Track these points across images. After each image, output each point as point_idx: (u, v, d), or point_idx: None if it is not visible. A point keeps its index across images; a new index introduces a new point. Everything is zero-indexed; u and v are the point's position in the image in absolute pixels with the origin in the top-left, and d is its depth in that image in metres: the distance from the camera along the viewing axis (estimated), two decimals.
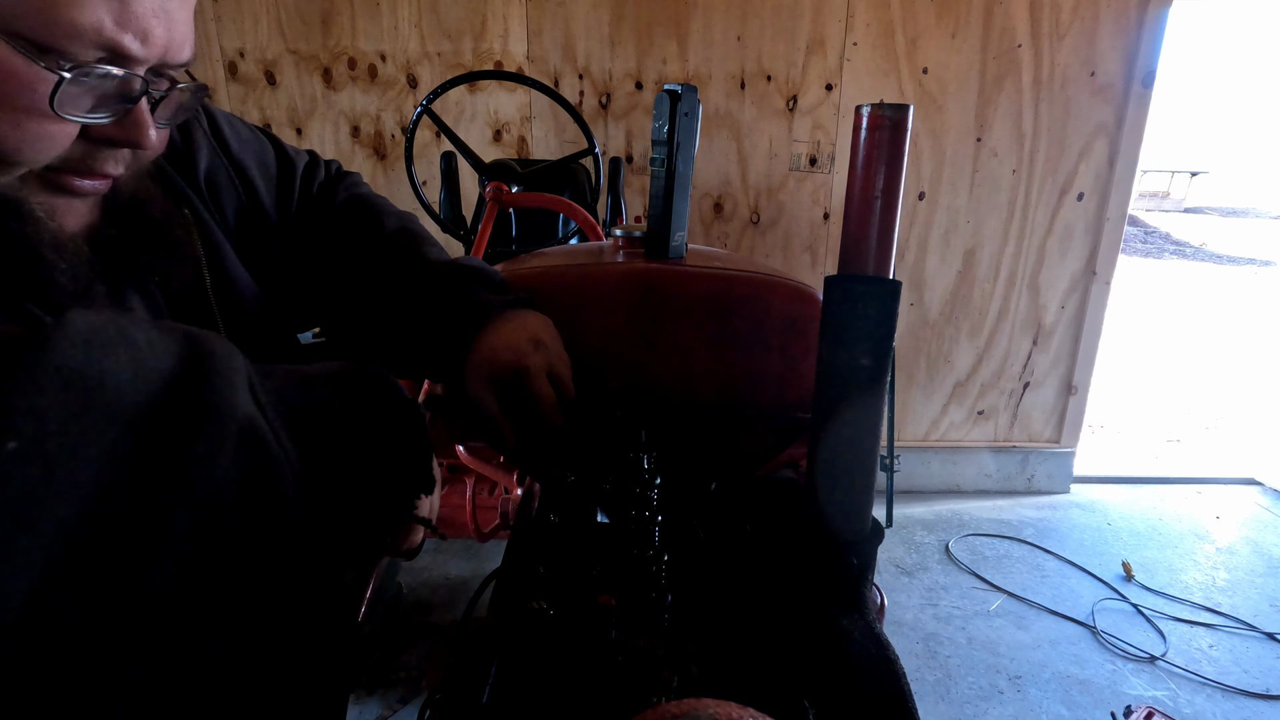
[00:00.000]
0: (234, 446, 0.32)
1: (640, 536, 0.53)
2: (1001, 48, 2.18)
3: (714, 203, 2.32)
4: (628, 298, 0.77)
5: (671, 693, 0.41)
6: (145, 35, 0.43)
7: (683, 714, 0.29)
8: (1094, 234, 2.36)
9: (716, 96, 2.21)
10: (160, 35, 0.44)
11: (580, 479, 0.59)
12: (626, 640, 0.43)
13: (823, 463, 0.53)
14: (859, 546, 0.53)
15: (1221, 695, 1.62)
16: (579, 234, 1.83)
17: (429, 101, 1.61)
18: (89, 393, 0.28)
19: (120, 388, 0.29)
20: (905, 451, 2.54)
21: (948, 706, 1.58)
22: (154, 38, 0.44)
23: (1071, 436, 2.57)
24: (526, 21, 2.13)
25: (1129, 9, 2.15)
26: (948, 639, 1.80)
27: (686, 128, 0.75)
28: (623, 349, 0.77)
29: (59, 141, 0.44)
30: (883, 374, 0.50)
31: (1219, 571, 2.13)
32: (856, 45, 2.17)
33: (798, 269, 2.37)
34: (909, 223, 2.34)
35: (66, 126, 0.44)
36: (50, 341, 0.27)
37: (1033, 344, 2.47)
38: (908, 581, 2.04)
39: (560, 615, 0.45)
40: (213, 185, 0.64)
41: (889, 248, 0.74)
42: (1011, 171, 2.29)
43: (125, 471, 0.28)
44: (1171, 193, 14.22)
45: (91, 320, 0.29)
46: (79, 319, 0.29)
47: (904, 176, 0.72)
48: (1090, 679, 1.67)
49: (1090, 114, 2.24)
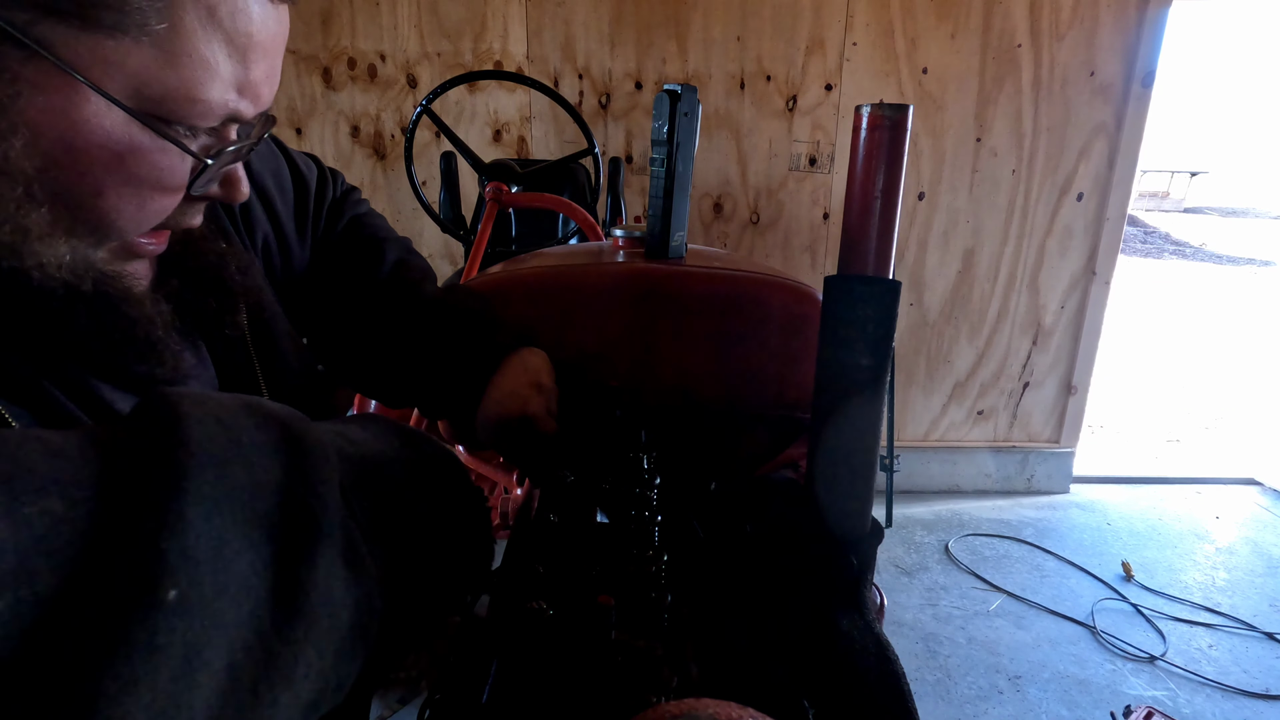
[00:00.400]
0: (341, 569, 0.30)
1: (640, 536, 0.53)
2: (1001, 48, 2.18)
3: (714, 203, 2.32)
4: (627, 298, 0.77)
5: (671, 693, 0.41)
6: (258, 99, 0.43)
7: (682, 714, 0.29)
8: (1094, 234, 2.36)
9: (716, 96, 2.21)
10: (268, 96, 0.44)
11: (580, 479, 0.59)
12: (626, 640, 0.43)
13: (823, 463, 0.53)
14: (859, 546, 0.53)
15: (1221, 695, 1.62)
16: (579, 234, 1.83)
17: (429, 101, 1.61)
18: (223, 519, 0.26)
19: (242, 508, 0.27)
20: (905, 451, 2.54)
21: (947, 706, 1.58)
22: (263, 99, 0.44)
23: (1071, 436, 2.57)
24: (526, 21, 2.13)
25: (1129, 9, 2.16)
26: (947, 639, 1.80)
27: (686, 128, 0.75)
28: (622, 349, 0.77)
29: (169, 210, 0.44)
30: (883, 374, 0.50)
31: (1219, 571, 2.13)
32: (856, 45, 2.17)
33: (797, 269, 2.37)
34: (909, 223, 2.34)
35: (180, 196, 0.43)
36: (184, 468, 0.26)
37: (1032, 344, 2.47)
38: (908, 581, 2.04)
39: (560, 615, 0.44)
40: (246, 213, 0.61)
41: (889, 248, 0.74)
42: (1011, 171, 2.29)
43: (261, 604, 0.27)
44: (1171, 193, 14.23)
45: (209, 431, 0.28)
46: (195, 429, 0.27)
47: (904, 176, 0.72)
48: (1090, 679, 1.67)
49: (1090, 114, 2.24)
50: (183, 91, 0.38)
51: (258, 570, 0.27)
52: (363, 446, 0.36)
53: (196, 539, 0.25)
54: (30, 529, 0.23)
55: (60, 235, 0.39)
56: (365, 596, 0.31)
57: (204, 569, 0.25)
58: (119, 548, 0.24)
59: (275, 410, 0.32)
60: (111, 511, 0.25)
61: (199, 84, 0.39)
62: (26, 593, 0.22)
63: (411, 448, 0.39)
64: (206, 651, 0.25)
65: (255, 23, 0.40)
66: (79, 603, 0.23)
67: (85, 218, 0.40)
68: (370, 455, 0.36)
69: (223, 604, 0.25)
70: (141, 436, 0.27)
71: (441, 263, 2.35)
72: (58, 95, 0.36)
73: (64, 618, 0.23)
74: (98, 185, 0.39)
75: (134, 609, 0.23)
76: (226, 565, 0.26)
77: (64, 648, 0.23)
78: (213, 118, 0.41)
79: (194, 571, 0.24)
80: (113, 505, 0.25)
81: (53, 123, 0.36)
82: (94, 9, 0.35)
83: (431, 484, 0.39)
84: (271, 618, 0.27)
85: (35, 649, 0.23)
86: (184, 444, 0.27)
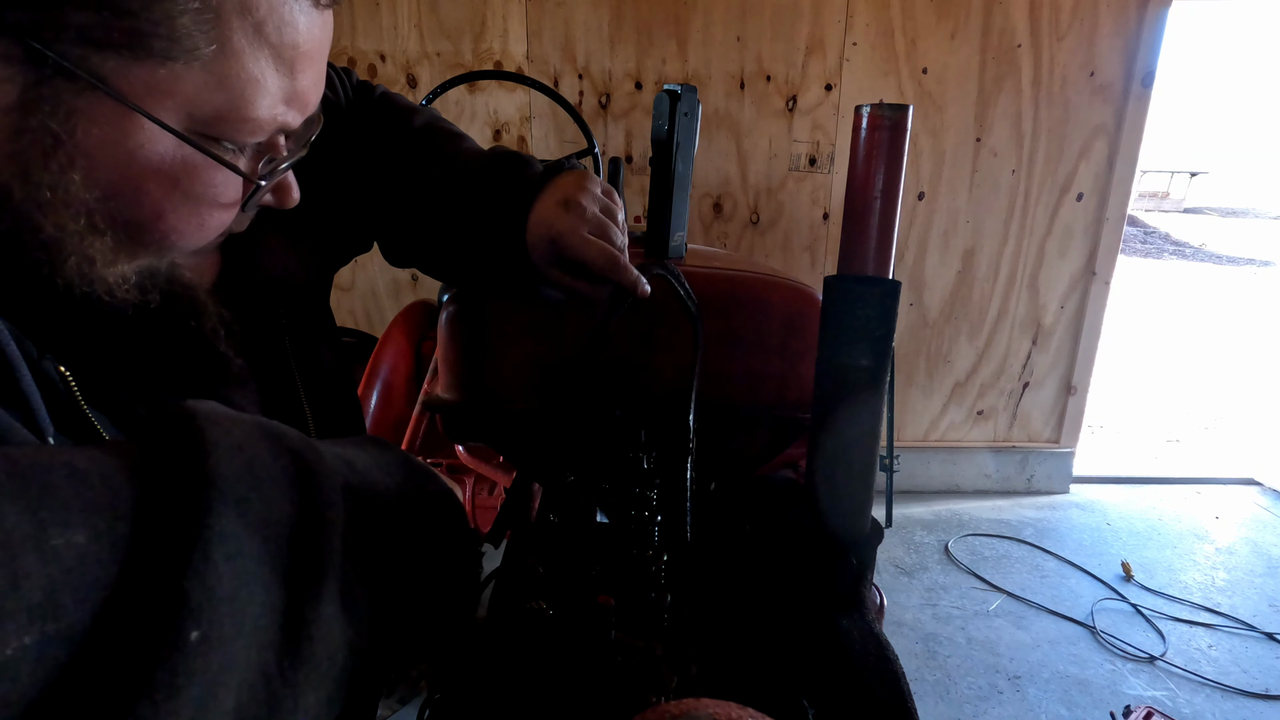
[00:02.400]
0: (339, 611, 0.30)
1: (640, 536, 0.53)
2: (1001, 48, 2.18)
3: (714, 203, 2.32)
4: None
5: (671, 693, 0.41)
6: (305, 107, 0.43)
7: (682, 714, 0.29)
8: (1093, 234, 2.36)
9: (716, 96, 2.21)
10: (315, 101, 0.44)
11: (580, 479, 0.59)
12: (626, 640, 0.43)
13: (823, 463, 0.53)
14: (859, 546, 0.53)
15: (1221, 695, 1.62)
16: None
17: (428, 101, 1.61)
18: (243, 559, 0.26)
19: (258, 547, 0.27)
20: (905, 451, 2.54)
21: (947, 707, 1.58)
22: (310, 105, 0.44)
23: (1071, 436, 2.57)
24: (526, 21, 2.13)
25: (1129, 9, 2.16)
26: (947, 639, 1.80)
27: (686, 128, 0.75)
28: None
29: (227, 224, 0.44)
30: (882, 374, 0.50)
31: (1218, 571, 2.13)
32: (856, 45, 2.17)
33: (797, 269, 2.37)
34: (909, 223, 2.34)
35: (235, 209, 0.44)
36: (210, 506, 0.26)
37: (1032, 344, 2.47)
38: (907, 581, 2.04)
39: (560, 615, 0.45)
40: None
41: (889, 248, 0.74)
42: (1011, 171, 2.29)
43: (269, 646, 0.27)
44: (1171, 193, 14.23)
45: (233, 464, 0.27)
46: (221, 463, 0.27)
47: (904, 176, 0.72)
48: (1089, 679, 1.67)
49: (1090, 114, 2.24)
50: (233, 111, 0.39)
51: (268, 611, 0.27)
52: (365, 477, 0.36)
53: (218, 580, 0.25)
54: (59, 562, 0.22)
55: (124, 259, 0.40)
56: (357, 637, 0.31)
57: (223, 609, 0.25)
58: (145, 586, 0.24)
59: (288, 437, 0.32)
60: (138, 547, 0.25)
61: (248, 102, 0.39)
62: (53, 628, 0.22)
63: (414, 481, 0.39)
64: (220, 692, 0.25)
65: (301, 33, 0.40)
66: (103, 640, 0.23)
67: (147, 239, 0.41)
68: (371, 489, 0.35)
69: (238, 645, 0.25)
70: (167, 466, 0.27)
71: None
72: (112, 126, 0.36)
73: (88, 655, 0.23)
74: (157, 208, 0.40)
75: (159, 650, 0.23)
76: (243, 606, 0.26)
77: (89, 686, 0.23)
78: (262, 133, 0.41)
79: (215, 612, 0.24)
80: (139, 541, 0.25)
81: (109, 153, 0.37)
82: (145, 38, 0.35)
83: (427, 524, 0.38)
84: (278, 660, 0.27)
85: (61, 686, 0.22)
86: (212, 483, 0.26)
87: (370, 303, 2.39)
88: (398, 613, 0.35)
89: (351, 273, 2.35)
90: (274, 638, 0.27)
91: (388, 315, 2.33)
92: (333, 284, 0.73)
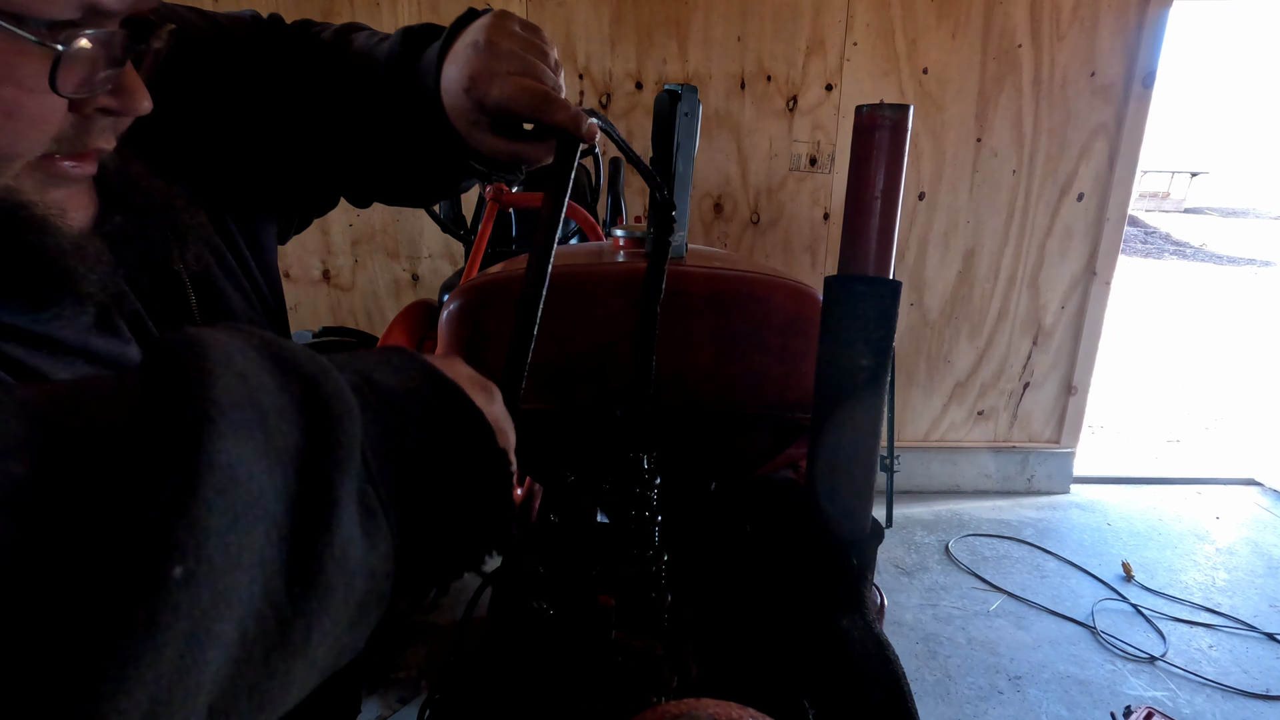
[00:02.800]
0: (359, 535, 0.29)
1: (640, 536, 0.53)
2: (1001, 48, 2.18)
3: (714, 203, 2.32)
4: (628, 298, 0.77)
5: (671, 693, 0.41)
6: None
7: (682, 714, 0.29)
8: (1094, 234, 2.36)
9: (716, 97, 2.21)
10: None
11: (580, 479, 0.59)
12: (626, 640, 0.43)
13: (823, 463, 0.53)
14: (859, 546, 0.53)
15: (1221, 696, 1.62)
16: (579, 234, 1.83)
17: None
18: (237, 488, 0.25)
19: (259, 478, 0.26)
20: (905, 451, 2.54)
21: (947, 707, 1.58)
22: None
23: (1071, 437, 2.57)
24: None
25: (1129, 9, 2.16)
26: (947, 639, 1.80)
27: (686, 128, 0.75)
28: (623, 349, 0.77)
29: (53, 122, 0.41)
30: (882, 374, 0.50)
31: (1219, 572, 2.13)
32: (856, 45, 2.17)
33: (798, 269, 2.37)
34: (909, 223, 2.34)
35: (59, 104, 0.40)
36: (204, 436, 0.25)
37: (1033, 344, 2.47)
38: (907, 582, 2.04)
39: (560, 615, 0.45)
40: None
41: (889, 248, 0.74)
42: (1011, 172, 2.29)
43: (276, 576, 0.26)
44: (1171, 193, 14.22)
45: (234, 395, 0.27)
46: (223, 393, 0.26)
47: (904, 176, 0.72)
48: (1090, 679, 1.67)
49: (1090, 114, 2.24)
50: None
51: (273, 541, 0.27)
52: (384, 387, 0.34)
53: (207, 513, 0.25)
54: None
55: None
56: (381, 561, 0.31)
57: (212, 543, 0.24)
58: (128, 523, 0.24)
59: (301, 364, 0.31)
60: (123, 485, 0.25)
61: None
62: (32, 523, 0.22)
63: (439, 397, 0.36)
64: (215, 626, 0.24)
65: None
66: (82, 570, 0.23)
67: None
68: (392, 400, 0.34)
69: (235, 577, 0.25)
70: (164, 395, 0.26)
71: (442, 262, 2.35)
72: None
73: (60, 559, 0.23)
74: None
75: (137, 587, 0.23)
76: (240, 538, 0.25)
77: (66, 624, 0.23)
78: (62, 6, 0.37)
79: (203, 547, 0.24)
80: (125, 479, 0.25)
81: None
82: None
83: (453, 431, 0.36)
84: (287, 587, 0.27)
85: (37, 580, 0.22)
86: (206, 413, 0.25)
87: (370, 303, 2.39)
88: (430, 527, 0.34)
89: (352, 273, 2.35)
90: (280, 568, 0.27)
91: (388, 315, 2.33)
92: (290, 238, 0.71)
